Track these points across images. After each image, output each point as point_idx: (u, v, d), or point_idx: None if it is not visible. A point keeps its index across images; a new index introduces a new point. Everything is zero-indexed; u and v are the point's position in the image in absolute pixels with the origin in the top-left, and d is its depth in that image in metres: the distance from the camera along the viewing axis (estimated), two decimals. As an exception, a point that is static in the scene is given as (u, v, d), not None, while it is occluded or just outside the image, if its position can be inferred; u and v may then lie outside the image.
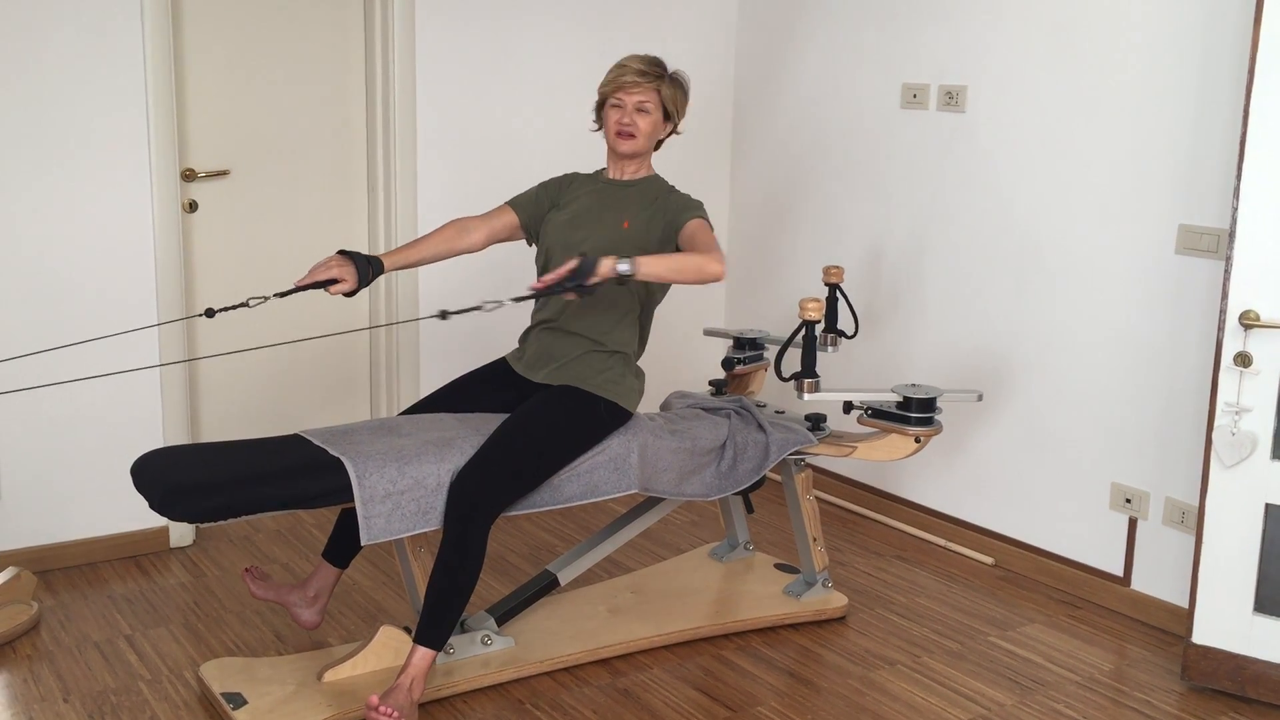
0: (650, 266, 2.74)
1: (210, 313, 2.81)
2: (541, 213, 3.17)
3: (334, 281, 2.87)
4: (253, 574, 3.13)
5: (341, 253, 2.92)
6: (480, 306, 2.75)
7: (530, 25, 4.21)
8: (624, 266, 2.69)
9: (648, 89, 3.03)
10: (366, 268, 2.91)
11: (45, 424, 3.55)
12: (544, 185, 3.22)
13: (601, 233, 3.03)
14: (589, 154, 3.25)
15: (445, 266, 3.46)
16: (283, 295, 2.86)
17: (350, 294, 2.90)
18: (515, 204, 3.20)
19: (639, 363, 3.16)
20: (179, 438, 3.75)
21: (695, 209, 3.04)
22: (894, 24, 4.04)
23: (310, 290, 2.88)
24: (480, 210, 3.29)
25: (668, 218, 3.03)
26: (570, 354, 3.03)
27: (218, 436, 3.98)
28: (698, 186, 4.60)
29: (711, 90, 4.61)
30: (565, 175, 3.22)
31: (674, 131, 3.15)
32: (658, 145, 3.16)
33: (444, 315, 2.77)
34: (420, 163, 4.07)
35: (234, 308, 2.85)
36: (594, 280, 2.67)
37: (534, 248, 3.20)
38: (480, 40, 4.13)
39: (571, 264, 2.68)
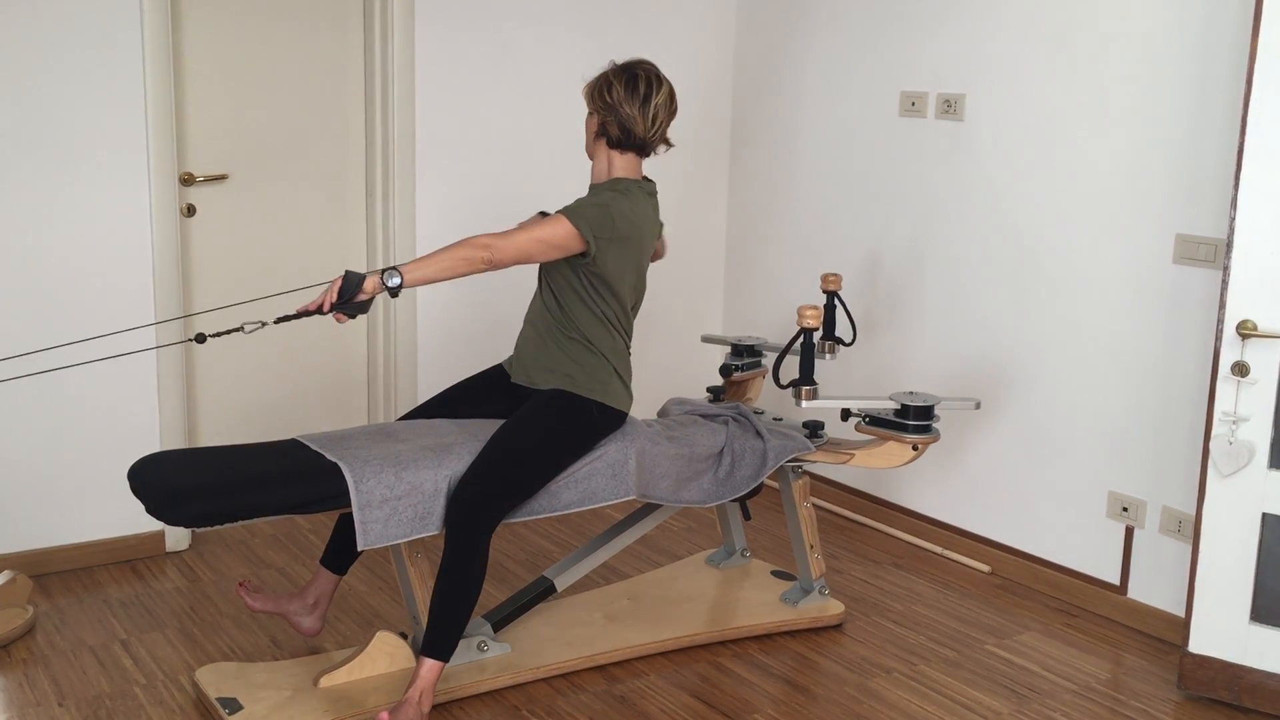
0: (418, 271, 2.73)
1: (201, 338, 2.80)
2: None
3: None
4: (247, 588, 3.13)
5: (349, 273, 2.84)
6: (241, 328, 2.74)
7: (529, 30, 4.21)
8: (393, 279, 2.69)
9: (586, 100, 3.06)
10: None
11: (42, 427, 3.54)
12: None
13: None
14: (585, 161, 3.25)
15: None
16: (281, 321, 2.79)
17: (352, 316, 2.80)
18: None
19: (630, 362, 3.14)
20: (176, 442, 3.74)
21: (574, 205, 2.94)
22: (893, 32, 4.05)
23: (314, 316, 2.78)
24: (486, 220, 3.28)
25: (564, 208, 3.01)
26: (554, 357, 3.02)
27: (215, 441, 3.98)
28: (696, 193, 4.64)
29: (710, 97, 4.62)
30: None
31: (603, 122, 3.02)
32: (620, 144, 3.04)
33: (200, 338, 2.76)
34: (419, 167, 4.08)
35: (228, 333, 2.82)
36: (362, 297, 2.69)
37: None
38: (479, 45, 4.13)
39: (336, 282, 2.69)
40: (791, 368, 3.26)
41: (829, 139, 4.31)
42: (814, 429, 3.36)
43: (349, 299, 2.69)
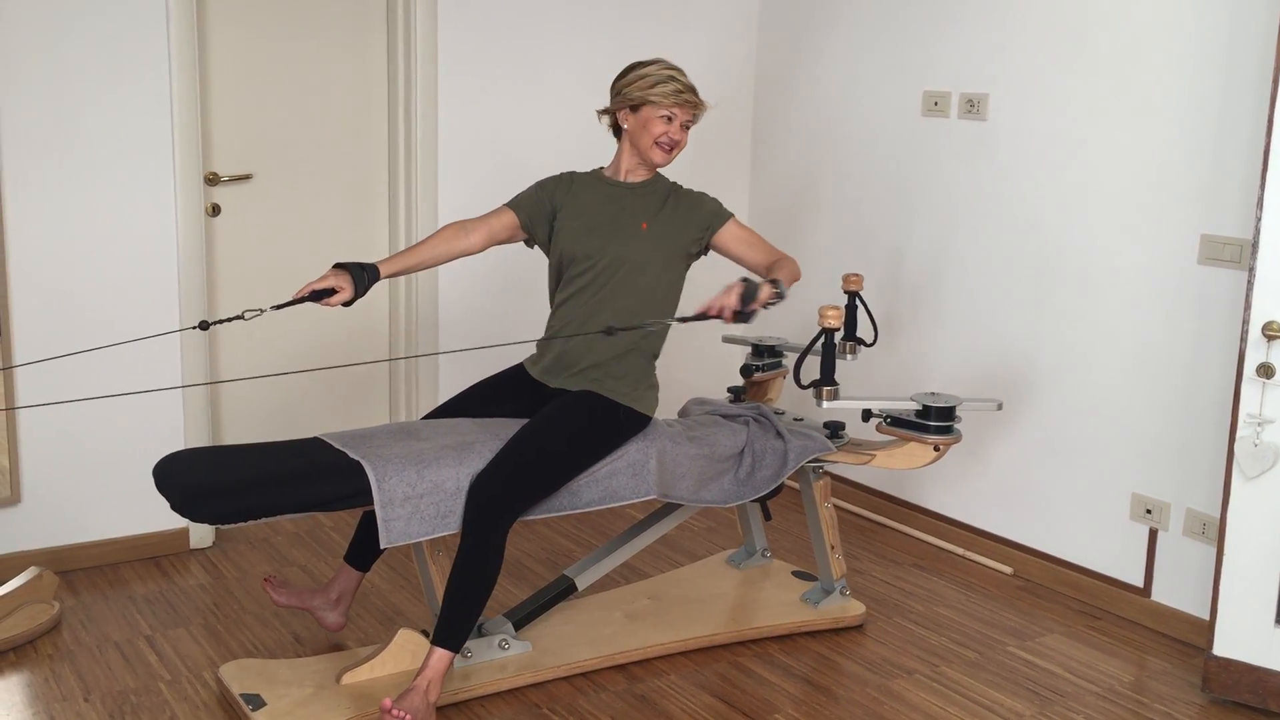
0: (788, 282, 2.98)
1: (204, 325, 2.82)
2: (542, 213, 3.12)
3: (332, 292, 2.82)
4: (273, 583, 3.15)
5: (337, 265, 2.88)
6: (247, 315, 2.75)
7: (551, 31, 4.22)
8: (781, 287, 2.91)
9: (698, 108, 3.07)
10: (362, 276, 2.86)
11: (67, 426, 3.57)
12: (541, 185, 3.16)
13: (622, 237, 3.04)
14: (605, 161, 3.25)
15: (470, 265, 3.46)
16: (280, 307, 2.83)
17: (348, 304, 2.86)
18: (514, 204, 3.15)
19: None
20: (200, 440, 3.77)
21: (723, 209, 3.18)
22: (915, 31, 4.04)
23: (308, 303, 2.83)
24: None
25: (696, 218, 3.10)
26: (589, 359, 3.03)
27: (239, 439, 4.00)
28: (717, 191, 4.62)
29: (731, 97, 4.61)
30: (563, 175, 3.18)
31: (612, 114, 3.14)
32: (618, 131, 3.15)
33: (610, 331, 2.90)
34: (441, 168, 4.09)
35: (229, 320, 2.82)
36: (754, 307, 2.84)
37: (533, 250, 3.20)
38: (501, 45, 4.14)
39: (737, 288, 2.82)
40: (812, 368, 3.25)
41: (851, 139, 4.30)
42: (835, 429, 3.35)
43: (748, 306, 2.84)
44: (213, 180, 3.86)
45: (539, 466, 2.86)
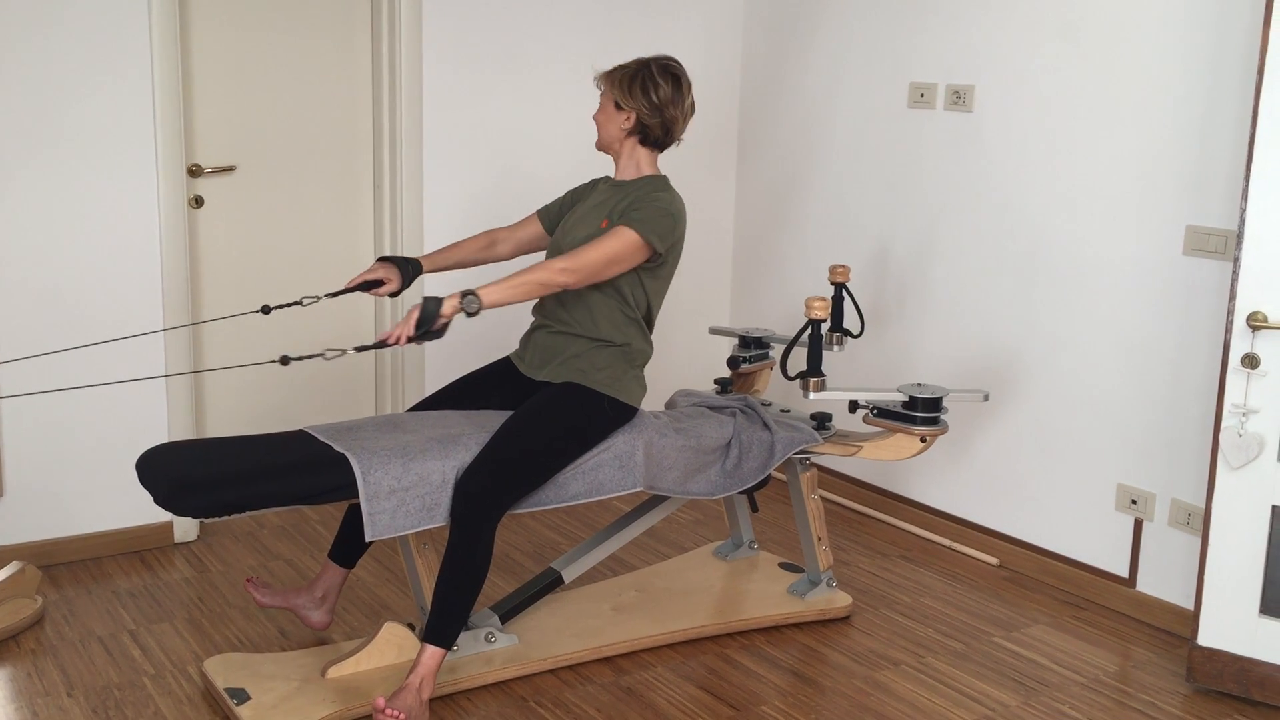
0: (495, 295, 2.76)
1: (266, 309, 3.01)
2: (561, 217, 3.22)
3: (380, 283, 3.07)
4: (255, 583, 3.14)
5: (382, 258, 3.11)
6: (323, 354, 2.78)
7: (536, 25, 4.21)
8: (472, 305, 2.73)
9: (605, 91, 3.06)
10: (407, 268, 3.10)
11: (50, 419, 3.55)
12: (571, 191, 3.26)
13: (583, 232, 3.03)
14: (594, 155, 3.25)
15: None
16: (335, 295, 3.07)
17: (395, 294, 3.11)
18: (542, 213, 3.28)
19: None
20: (184, 433, 3.75)
21: (639, 215, 2.92)
22: (901, 23, 4.04)
23: (358, 291, 3.07)
24: (494, 213, 3.31)
25: (624, 217, 2.95)
26: (570, 351, 3.02)
27: (223, 432, 3.98)
28: (704, 184, 4.63)
29: (717, 89, 4.61)
30: (593, 180, 3.25)
31: (641, 120, 3.01)
32: (656, 143, 3.08)
33: (285, 361, 2.75)
34: (426, 159, 4.07)
35: (289, 305, 3.07)
36: (441, 322, 2.72)
37: None
38: (487, 39, 4.13)
39: (414, 312, 2.72)
40: (799, 359, 3.25)
41: (837, 130, 4.30)
42: (822, 421, 3.36)
43: (428, 329, 2.72)
44: (196, 172, 3.83)
45: (525, 460, 2.85)
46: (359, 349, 2.84)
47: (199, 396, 3.93)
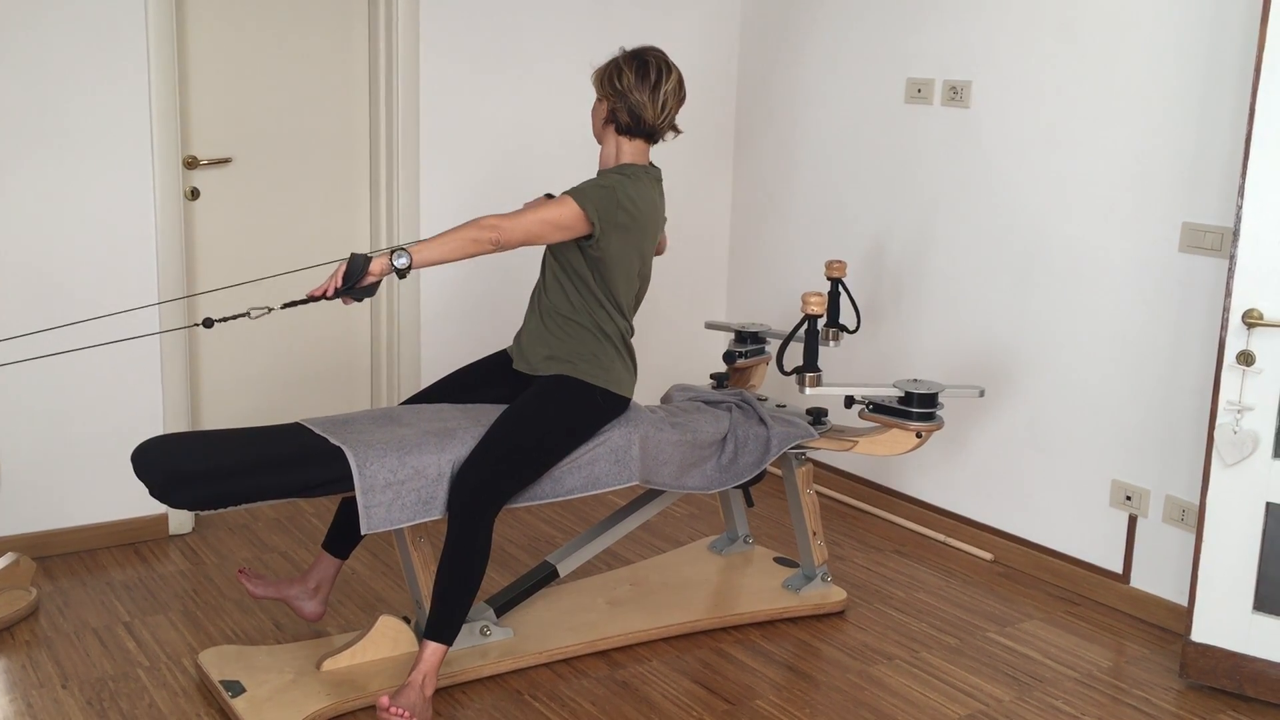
0: (426, 252, 2.72)
1: (208, 323, 2.77)
2: None
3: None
4: (248, 574, 3.13)
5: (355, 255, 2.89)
6: (248, 313, 2.71)
7: (534, 21, 4.20)
8: (400, 260, 2.67)
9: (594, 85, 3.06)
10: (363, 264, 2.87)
11: (45, 410, 3.55)
12: None
13: None
14: (589, 150, 3.24)
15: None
16: (288, 306, 2.81)
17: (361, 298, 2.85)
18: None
19: (633, 345, 3.14)
20: (179, 425, 3.75)
21: (581, 187, 2.92)
22: (898, 18, 4.04)
23: (321, 300, 2.79)
24: (490, 206, 3.27)
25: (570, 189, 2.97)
26: (557, 343, 3.02)
27: (218, 424, 3.98)
28: (700, 179, 4.63)
29: (714, 84, 4.60)
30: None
31: (612, 108, 3.00)
32: (630, 130, 3.04)
33: (208, 323, 2.71)
34: (422, 153, 4.07)
35: (234, 318, 2.80)
36: (368, 280, 2.66)
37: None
38: (483, 34, 4.12)
39: (341, 266, 2.67)
40: (795, 354, 3.25)
41: (834, 126, 4.30)
42: (817, 416, 3.36)
43: (355, 283, 2.66)
44: (191, 164, 3.83)
45: (521, 453, 2.85)
46: (285, 305, 2.75)
47: (195, 389, 3.92)
